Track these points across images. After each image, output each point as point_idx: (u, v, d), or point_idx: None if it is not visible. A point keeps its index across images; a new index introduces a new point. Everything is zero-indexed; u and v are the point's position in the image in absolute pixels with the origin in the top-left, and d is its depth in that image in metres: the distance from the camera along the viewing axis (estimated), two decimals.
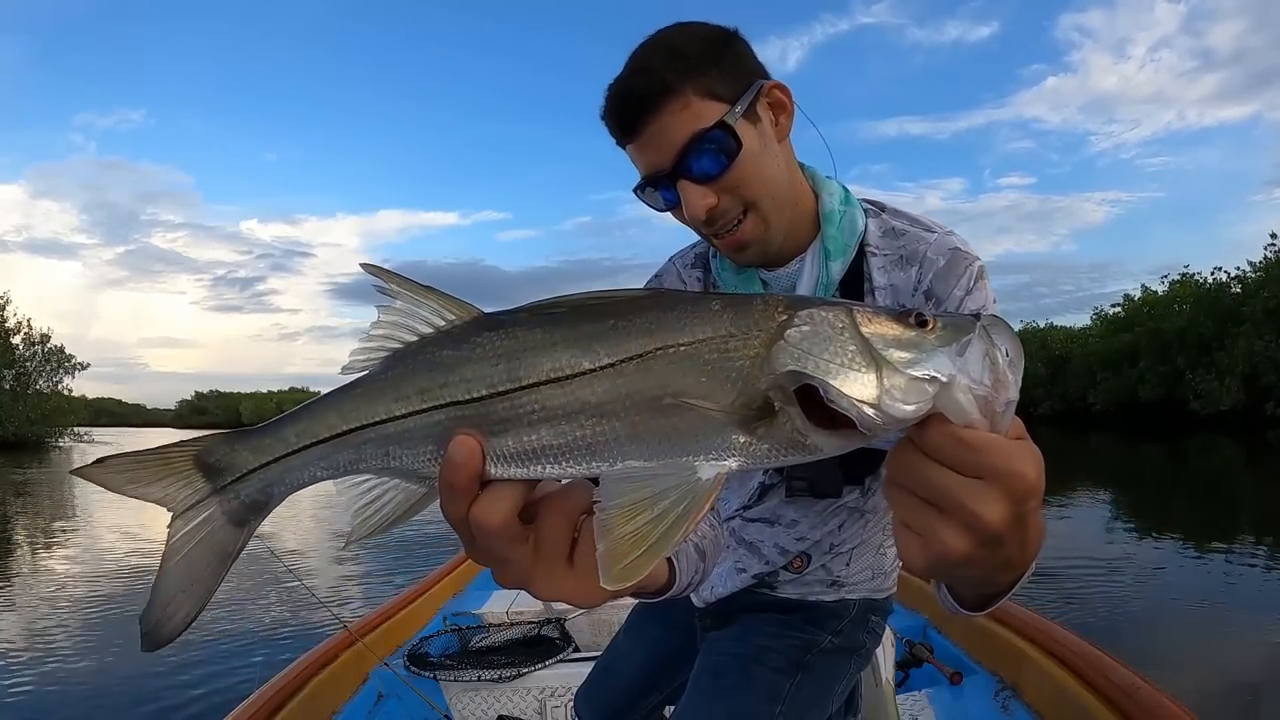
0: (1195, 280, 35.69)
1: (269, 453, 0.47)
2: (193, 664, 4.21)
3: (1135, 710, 1.60)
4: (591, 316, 0.42)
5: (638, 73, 0.81)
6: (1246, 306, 30.74)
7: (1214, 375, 30.85)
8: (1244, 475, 14.26)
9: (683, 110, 0.79)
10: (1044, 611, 2.44)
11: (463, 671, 2.10)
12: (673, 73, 0.79)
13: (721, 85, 0.80)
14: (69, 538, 9.35)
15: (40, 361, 45.42)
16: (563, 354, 0.42)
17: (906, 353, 0.40)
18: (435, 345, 0.45)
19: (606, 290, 0.43)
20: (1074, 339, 44.36)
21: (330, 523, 10.44)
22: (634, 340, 0.41)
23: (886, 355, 0.39)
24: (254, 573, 6.91)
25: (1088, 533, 7.61)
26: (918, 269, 0.88)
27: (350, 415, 0.45)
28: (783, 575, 1.05)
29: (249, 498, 0.48)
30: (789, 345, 0.40)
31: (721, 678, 1.00)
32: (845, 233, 0.89)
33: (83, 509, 12.37)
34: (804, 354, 0.40)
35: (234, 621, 5.13)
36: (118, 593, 6.06)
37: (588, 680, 1.26)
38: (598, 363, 0.41)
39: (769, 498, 1.04)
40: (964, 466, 0.39)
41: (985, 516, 0.39)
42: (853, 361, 0.39)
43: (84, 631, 4.98)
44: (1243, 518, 8.87)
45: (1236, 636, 4.14)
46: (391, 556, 7.66)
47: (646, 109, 0.80)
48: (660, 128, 0.80)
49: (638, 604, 1.30)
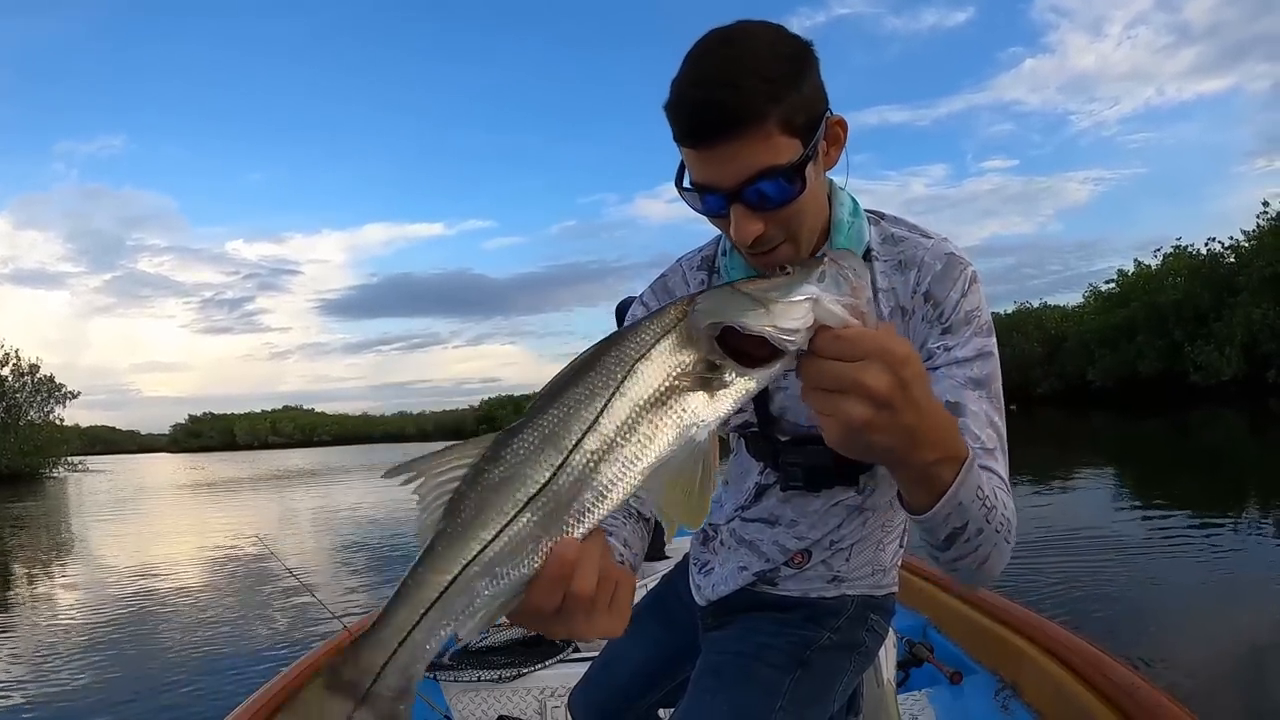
0: (1189, 252, 35.75)
1: (392, 640, 0.50)
2: (193, 665, 4.23)
3: (1135, 710, 1.60)
4: (578, 376, 0.53)
5: (726, 87, 0.76)
6: (1243, 276, 30.80)
7: (1213, 346, 30.90)
8: (1249, 445, 14.28)
9: (763, 141, 0.77)
10: (1045, 601, 2.42)
11: (463, 671, 2.09)
12: (761, 98, 0.76)
13: (799, 116, 0.79)
14: (66, 569, 9.32)
15: (30, 392, 45.36)
16: (579, 410, 0.51)
17: (781, 291, 0.54)
18: (483, 473, 0.51)
19: (572, 361, 0.55)
20: (1069, 317, 44.39)
21: (329, 525, 10.45)
22: (616, 370, 0.53)
23: (768, 296, 0.54)
24: (255, 574, 6.93)
25: (1093, 511, 7.62)
26: (916, 272, 0.92)
27: (448, 564, 0.50)
28: (784, 571, 1.07)
29: (393, 690, 0.51)
30: (702, 313, 0.54)
31: (722, 676, 1.02)
32: (853, 242, 0.92)
33: (80, 541, 12.32)
34: (713, 312, 0.54)
35: (235, 623, 5.16)
36: (118, 618, 6.06)
37: (585, 678, 1.27)
38: (605, 398, 0.52)
39: (766, 497, 1.07)
40: (848, 355, 0.53)
41: (872, 384, 0.53)
42: (747, 306, 0.54)
43: (88, 644, 5.03)
44: (1249, 488, 8.87)
45: (1246, 612, 4.12)
46: (391, 558, 7.68)
47: (728, 129, 0.77)
48: (735, 152, 0.78)
49: (637, 604, 1.29)
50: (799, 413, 0.98)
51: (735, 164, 0.78)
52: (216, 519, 14.13)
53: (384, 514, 12.43)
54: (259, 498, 18.90)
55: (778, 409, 1.00)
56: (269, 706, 1.83)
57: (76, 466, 48.16)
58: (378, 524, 11.25)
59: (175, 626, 5.58)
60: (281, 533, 10.80)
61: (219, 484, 26.66)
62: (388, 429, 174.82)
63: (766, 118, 0.77)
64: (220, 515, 14.86)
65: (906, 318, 0.92)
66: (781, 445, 1.02)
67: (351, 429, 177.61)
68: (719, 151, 0.78)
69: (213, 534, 11.52)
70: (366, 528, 11.00)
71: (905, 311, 0.92)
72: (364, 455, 56.21)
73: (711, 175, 0.81)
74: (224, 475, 33.14)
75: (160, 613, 6.12)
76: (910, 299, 0.91)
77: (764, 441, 1.04)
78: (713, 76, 0.78)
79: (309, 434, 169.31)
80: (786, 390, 0.98)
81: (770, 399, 1.00)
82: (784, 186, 0.80)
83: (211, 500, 19.23)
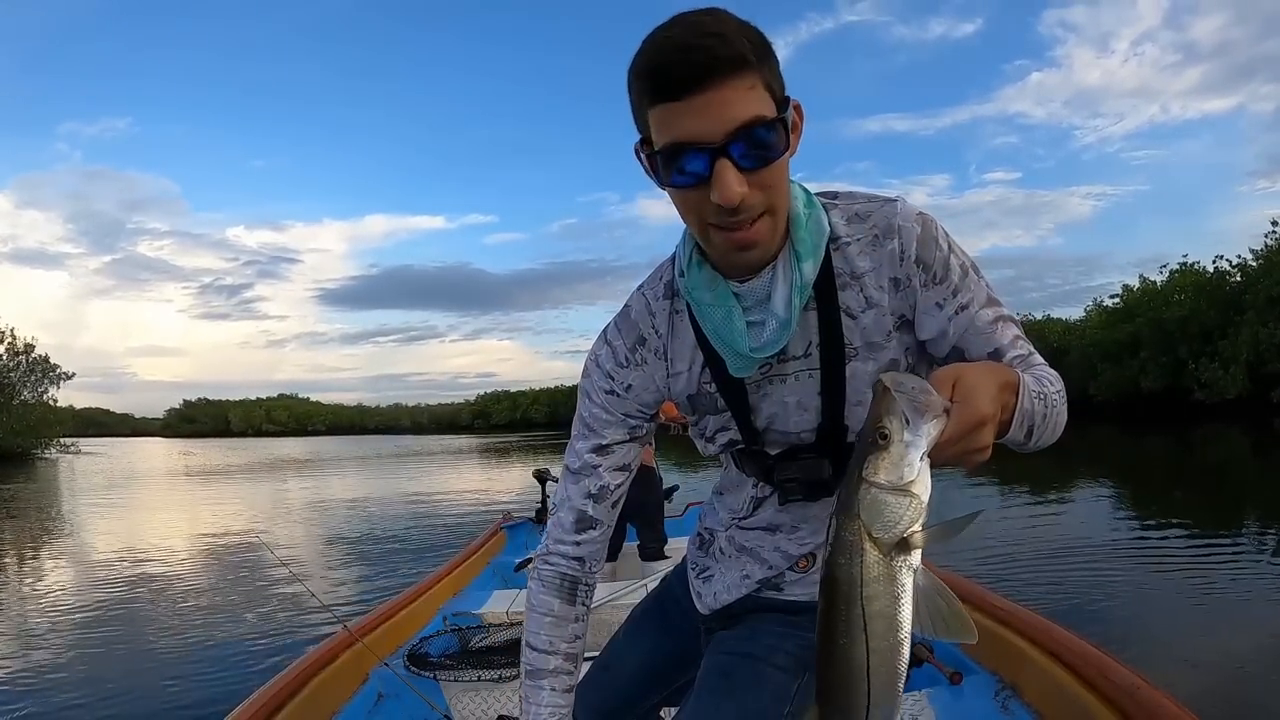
0: (1196, 269, 35.56)
1: None
2: (193, 664, 4.23)
3: (1135, 710, 1.59)
4: None
5: (711, 36, 0.73)
6: (1250, 294, 30.64)
7: (1218, 364, 30.75)
8: (1252, 464, 14.23)
9: (750, 90, 0.75)
10: (1046, 610, 2.43)
11: (462, 671, 2.11)
12: (747, 49, 0.74)
13: (776, 84, 0.78)
14: (59, 550, 9.35)
15: (24, 372, 45.24)
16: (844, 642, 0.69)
17: (905, 470, 0.64)
18: None
19: None
20: (1070, 331, 44.14)
21: (329, 524, 10.47)
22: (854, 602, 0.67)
23: (905, 487, 0.64)
24: (255, 574, 6.94)
25: (1093, 522, 7.61)
26: (897, 241, 0.88)
27: None
28: (789, 576, 1.05)
29: None
30: (886, 544, 0.65)
31: (730, 677, 1.01)
32: (814, 234, 0.88)
33: (71, 522, 12.29)
34: (890, 531, 0.64)
35: (235, 622, 5.15)
36: (111, 600, 6.10)
37: (584, 678, 1.25)
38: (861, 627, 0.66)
39: (763, 509, 1.04)
40: (960, 446, 0.68)
41: (985, 442, 0.69)
42: (904, 508, 0.64)
43: (80, 639, 5.01)
44: (1251, 504, 8.86)
45: (1244, 628, 4.12)
46: (391, 557, 7.68)
47: (714, 73, 0.73)
48: (723, 98, 0.74)
49: (637, 605, 1.30)
50: (785, 420, 0.96)
51: (723, 112, 0.74)
52: (209, 509, 14.14)
53: (377, 507, 12.45)
54: (251, 486, 18.84)
55: (763, 421, 0.97)
56: (269, 706, 1.83)
57: (69, 448, 48.19)
58: (370, 517, 11.26)
59: (167, 619, 5.59)
60: (280, 527, 10.81)
61: (211, 471, 26.61)
62: (382, 420, 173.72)
63: (753, 67, 0.75)
64: (212, 504, 14.87)
65: (902, 287, 0.89)
66: (773, 460, 0.98)
67: (346, 419, 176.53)
68: (705, 101, 0.74)
69: (205, 525, 11.57)
70: (358, 519, 11.00)
71: (899, 282, 0.89)
72: (358, 446, 56.00)
73: (696, 127, 0.75)
74: (215, 462, 33.07)
75: (150, 604, 6.14)
76: (900, 267, 0.89)
77: (754, 457, 1.01)
78: (694, 31, 0.74)
79: (303, 423, 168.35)
80: (768, 396, 0.95)
81: (754, 414, 0.96)
82: (770, 141, 0.77)
83: (203, 488, 19.20)
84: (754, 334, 0.88)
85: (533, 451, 31.43)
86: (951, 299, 0.89)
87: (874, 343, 0.91)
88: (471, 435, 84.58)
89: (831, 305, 0.90)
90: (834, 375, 0.92)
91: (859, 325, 0.91)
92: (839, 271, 0.90)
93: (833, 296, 0.90)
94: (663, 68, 0.75)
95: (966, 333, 0.89)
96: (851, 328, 0.91)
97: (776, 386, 0.94)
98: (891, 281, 0.89)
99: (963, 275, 0.89)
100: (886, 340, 0.91)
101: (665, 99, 0.75)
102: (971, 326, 0.89)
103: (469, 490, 15.24)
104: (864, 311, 0.90)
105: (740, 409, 0.96)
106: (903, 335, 0.92)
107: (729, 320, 0.89)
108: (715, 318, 0.89)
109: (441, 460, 29.34)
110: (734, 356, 0.91)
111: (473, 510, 11.28)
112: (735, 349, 0.89)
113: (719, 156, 0.76)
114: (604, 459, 1.02)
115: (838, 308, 0.90)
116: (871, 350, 0.91)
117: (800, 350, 0.92)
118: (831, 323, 0.90)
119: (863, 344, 0.91)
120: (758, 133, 0.75)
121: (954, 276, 0.89)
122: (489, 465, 25.21)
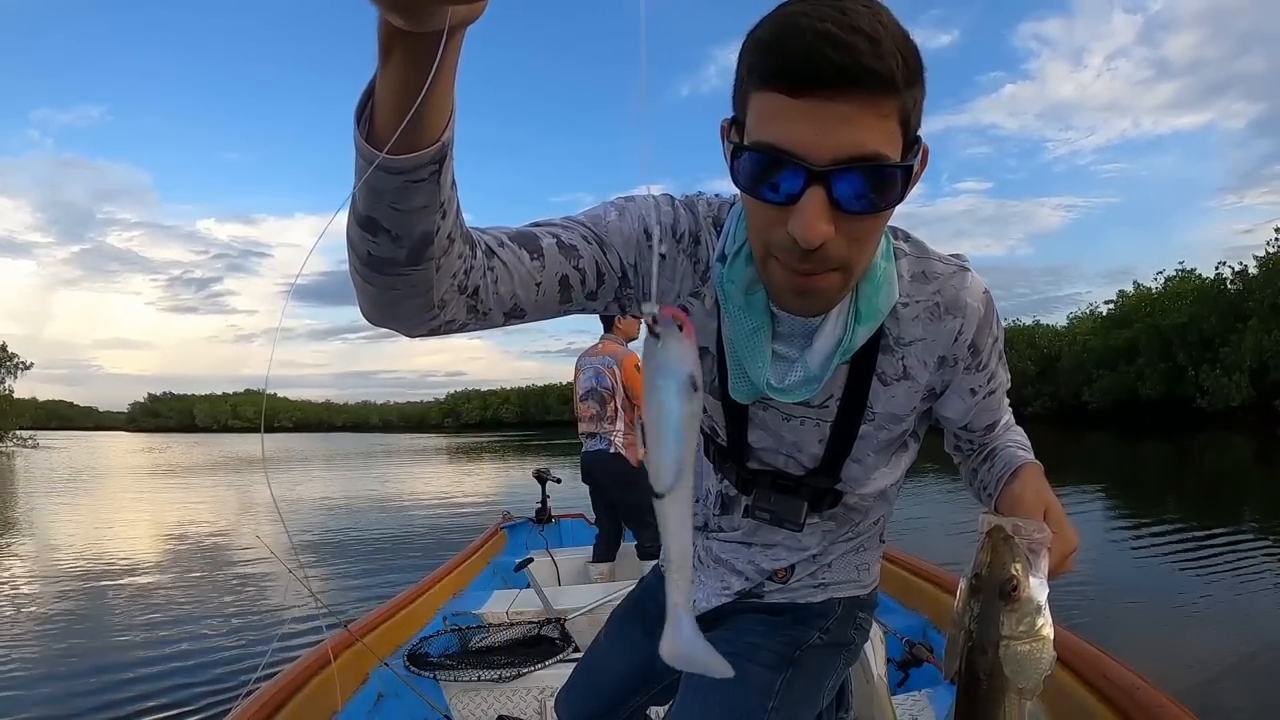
0: (1195, 277, 35.57)
1: None
2: (192, 664, 4.22)
3: (1135, 710, 1.59)
4: None
5: (862, 35, 0.58)
6: (1252, 301, 30.65)
7: (1221, 371, 30.74)
8: (1254, 470, 14.20)
9: (883, 120, 0.61)
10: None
11: (462, 671, 2.10)
12: (898, 67, 0.60)
13: (913, 119, 0.64)
14: (14, 545, 9.20)
15: None
16: None
17: (1037, 619, 0.67)
18: None
19: None
20: (1061, 336, 44.05)
21: (329, 524, 10.45)
22: None
23: (1039, 633, 0.67)
24: (254, 573, 6.93)
25: (1093, 525, 7.59)
26: (960, 320, 0.81)
27: None
28: (768, 586, 1.05)
29: None
30: (1028, 690, 0.68)
31: None
32: (884, 300, 0.77)
33: (26, 515, 12.05)
34: (1028, 679, 0.68)
35: (234, 621, 5.14)
36: (110, 599, 6.06)
37: (569, 681, 1.24)
38: None
39: (732, 513, 1.01)
40: (1060, 567, 0.75)
41: (1072, 564, 0.79)
42: (1045, 662, 0.68)
43: (77, 638, 4.98)
44: (1250, 510, 8.84)
45: (1245, 628, 4.12)
46: (391, 556, 7.67)
47: (849, 82, 0.58)
48: (847, 115, 0.59)
49: (617, 607, 1.28)
50: (775, 454, 0.92)
51: (842, 131, 0.60)
52: (202, 507, 14.01)
53: (360, 504, 12.39)
54: (228, 483, 18.33)
55: (753, 439, 0.91)
56: (269, 706, 1.82)
57: (26, 441, 46.28)
58: (365, 516, 11.21)
59: (164, 620, 5.59)
60: (279, 526, 10.77)
61: (189, 467, 26.21)
62: (350, 418, 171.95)
63: (897, 93, 0.61)
64: (199, 503, 14.71)
65: (945, 365, 0.84)
66: (750, 474, 0.94)
67: (314, 416, 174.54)
68: (830, 111, 0.59)
69: (206, 525, 11.50)
70: (351, 519, 10.95)
71: (945, 360, 0.83)
72: (325, 443, 55.21)
73: (806, 137, 0.60)
74: (183, 459, 32.50)
75: (149, 604, 6.15)
76: (952, 347, 0.82)
77: (733, 462, 0.95)
78: (844, 20, 0.59)
79: (270, 419, 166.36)
80: (766, 424, 0.89)
81: (748, 427, 0.90)
82: (884, 189, 0.63)
83: (183, 487, 18.62)
84: (776, 370, 0.79)
85: (506, 451, 30.95)
86: (985, 385, 0.87)
87: (895, 414, 0.87)
88: (442, 435, 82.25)
89: (868, 368, 0.83)
90: (844, 434, 0.87)
91: (888, 394, 0.85)
92: (887, 332, 0.82)
93: (872, 359, 0.83)
94: (790, 49, 0.59)
95: (981, 410, 0.89)
96: (879, 394, 0.85)
97: (776, 419, 0.89)
98: (938, 360, 0.83)
99: (999, 361, 0.87)
100: (908, 415, 0.87)
101: (778, 86, 0.61)
102: (986, 405, 0.89)
103: (467, 491, 15.18)
104: (897, 381, 0.84)
105: (736, 418, 0.90)
106: (922, 407, 0.89)
107: (754, 339, 0.78)
108: (740, 328, 0.78)
109: (416, 459, 28.81)
110: (741, 379, 0.82)
111: (473, 511, 11.25)
112: (748, 373, 0.80)
113: (814, 183, 0.61)
114: (546, 243, 0.74)
115: (873, 371, 0.83)
116: (890, 421, 0.87)
117: (818, 401, 0.85)
118: (861, 387, 0.84)
119: (884, 413, 0.86)
120: (873, 174, 0.62)
121: (993, 363, 0.86)
122: (472, 465, 24.51)
